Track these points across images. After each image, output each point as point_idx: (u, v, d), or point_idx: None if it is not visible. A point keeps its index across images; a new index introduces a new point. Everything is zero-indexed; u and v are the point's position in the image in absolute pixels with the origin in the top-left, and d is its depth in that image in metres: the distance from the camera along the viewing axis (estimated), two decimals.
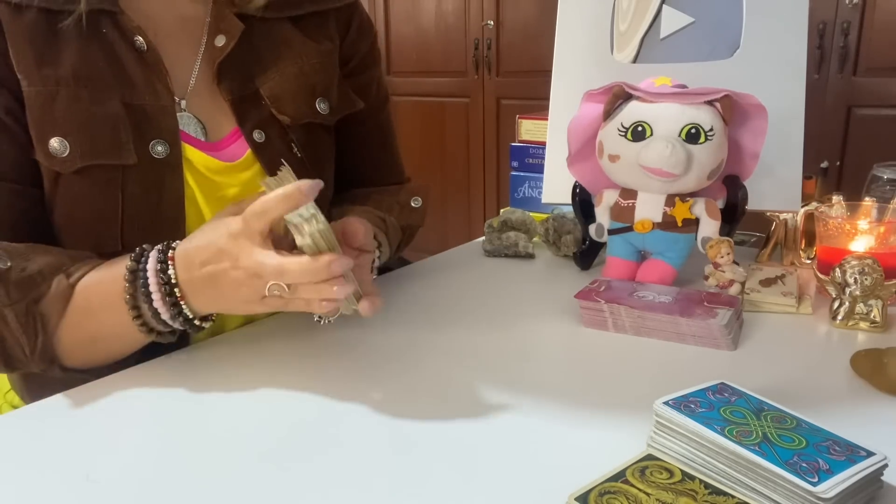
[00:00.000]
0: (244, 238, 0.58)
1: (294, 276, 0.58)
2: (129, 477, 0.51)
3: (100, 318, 0.66)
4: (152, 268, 0.63)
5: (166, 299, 0.63)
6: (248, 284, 0.60)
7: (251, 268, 0.59)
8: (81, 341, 0.67)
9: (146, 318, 0.64)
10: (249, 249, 0.58)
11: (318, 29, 0.84)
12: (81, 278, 0.66)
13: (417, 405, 0.61)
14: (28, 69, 0.68)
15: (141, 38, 0.72)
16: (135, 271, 0.63)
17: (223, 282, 0.61)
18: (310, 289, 0.59)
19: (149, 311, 0.64)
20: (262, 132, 0.78)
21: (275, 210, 0.57)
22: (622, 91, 0.82)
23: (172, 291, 0.63)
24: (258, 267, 0.58)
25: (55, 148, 0.68)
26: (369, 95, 0.91)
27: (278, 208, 0.57)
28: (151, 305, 0.63)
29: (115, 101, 0.70)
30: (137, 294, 0.63)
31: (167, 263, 0.63)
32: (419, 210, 0.94)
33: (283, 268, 0.57)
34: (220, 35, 0.77)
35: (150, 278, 0.63)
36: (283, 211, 0.57)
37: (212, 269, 0.61)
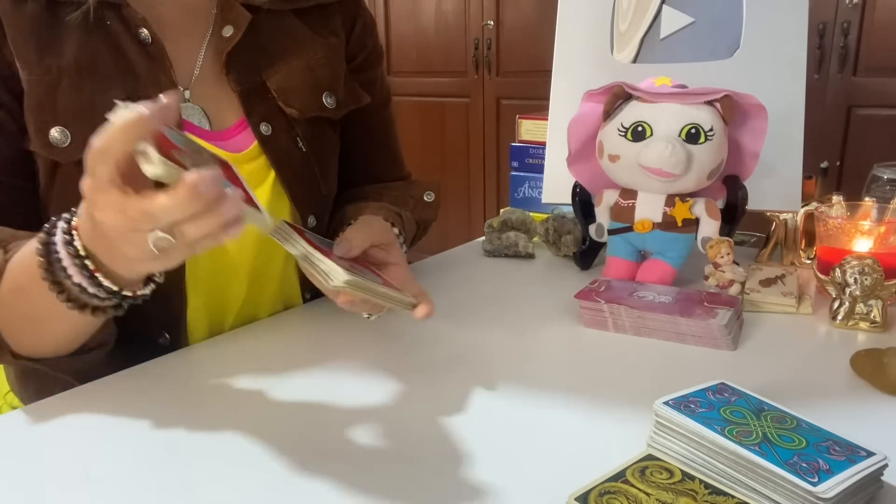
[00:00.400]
0: (96, 192, 0.47)
1: (164, 216, 0.46)
2: (129, 477, 0.51)
3: (29, 296, 0.59)
4: (60, 240, 0.55)
5: (83, 272, 0.55)
6: (125, 240, 0.50)
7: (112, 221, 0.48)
8: (19, 321, 0.63)
9: (72, 294, 0.57)
10: (103, 201, 0.47)
11: (323, 24, 0.85)
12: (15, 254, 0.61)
13: (417, 405, 0.61)
14: (29, 59, 0.68)
15: (146, 30, 0.72)
16: (46, 244, 0.56)
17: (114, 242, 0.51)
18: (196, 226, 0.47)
19: (73, 287, 0.56)
20: (269, 125, 0.78)
21: (116, 145, 0.46)
22: (622, 91, 0.82)
23: (85, 264, 0.55)
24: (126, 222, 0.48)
25: (56, 138, 0.68)
26: (374, 92, 0.91)
27: (120, 143, 0.45)
28: (73, 280, 0.56)
29: (118, 92, 0.70)
30: (54, 269, 0.56)
31: (72, 234, 0.55)
32: (432, 204, 0.94)
33: (145, 212, 0.46)
34: (228, 25, 0.77)
35: (61, 252, 0.55)
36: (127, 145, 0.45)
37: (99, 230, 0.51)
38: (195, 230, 0.47)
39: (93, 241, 0.53)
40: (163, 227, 0.47)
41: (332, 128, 0.86)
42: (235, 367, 0.69)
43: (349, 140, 0.90)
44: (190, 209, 0.45)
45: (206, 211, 0.46)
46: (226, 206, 0.46)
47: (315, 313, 0.84)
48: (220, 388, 0.65)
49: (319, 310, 0.84)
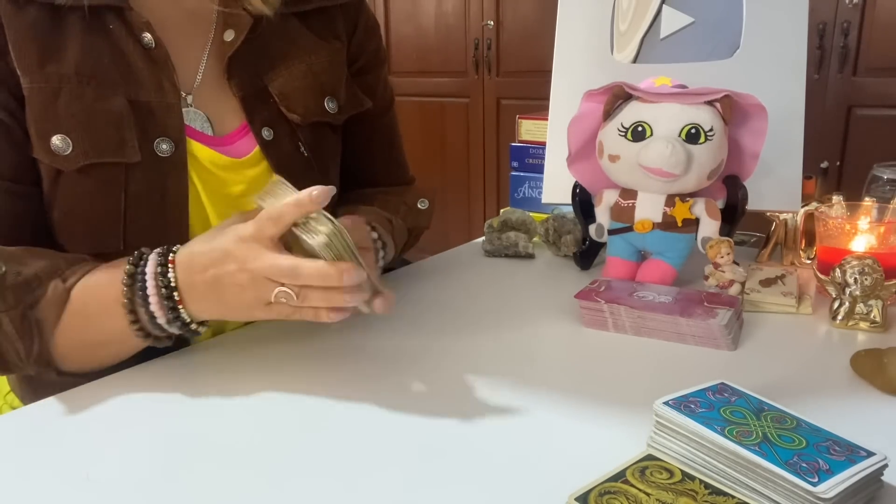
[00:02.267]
0: (255, 242, 0.59)
1: (307, 279, 0.57)
2: (129, 477, 0.51)
3: (97, 323, 0.65)
4: (151, 271, 0.62)
5: (164, 303, 0.62)
6: (254, 288, 0.60)
7: (261, 270, 0.58)
8: (78, 346, 0.67)
9: (143, 323, 0.64)
10: (259, 252, 0.58)
11: (325, 27, 0.84)
12: (78, 282, 0.66)
13: (416, 406, 0.61)
14: (30, 66, 0.67)
15: (149, 34, 0.71)
16: (133, 275, 0.63)
17: (227, 285, 0.60)
18: (320, 295, 0.59)
19: (146, 316, 0.63)
20: (271, 130, 0.78)
21: (288, 215, 0.57)
22: (622, 91, 0.82)
23: (171, 295, 0.62)
24: (269, 270, 0.58)
25: (57, 145, 0.68)
26: (376, 95, 0.91)
27: (291, 213, 0.57)
28: (148, 309, 0.63)
29: (120, 98, 0.69)
30: (135, 298, 0.63)
31: (167, 267, 0.62)
32: (425, 212, 0.94)
33: (297, 269, 0.57)
34: (230, 29, 0.76)
35: (149, 282, 0.62)
36: (295, 217, 0.58)
37: (216, 272, 0.61)
38: (316, 299, 0.59)
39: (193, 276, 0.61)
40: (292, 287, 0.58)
41: (333, 132, 0.86)
42: (237, 368, 0.69)
43: (351, 144, 0.90)
44: (328, 283, 0.57)
45: (336, 292, 0.58)
46: (350, 296, 0.59)
47: None
48: (222, 388, 0.65)
49: None
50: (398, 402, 0.62)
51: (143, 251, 0.64)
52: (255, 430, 0.58)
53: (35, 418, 0.61)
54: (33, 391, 0.77)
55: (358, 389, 0.64)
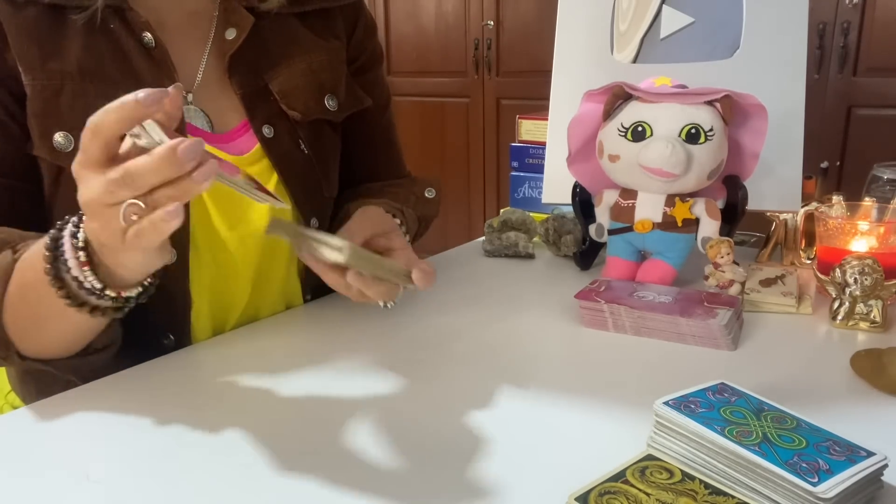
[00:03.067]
0: (84, 168, 0.49)
1: (143, 177, 0.47)
2: (129, 477, 0.51)
3: (35, 294, 0.60)
4: (68, 232, 0.56)
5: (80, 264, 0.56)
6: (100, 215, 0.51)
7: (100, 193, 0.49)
8: (25, 321, 0.63)
9: (71, 290, 0.58)
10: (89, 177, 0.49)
11: (325, 26, 0.85)
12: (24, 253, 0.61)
13: (416, 405, 0.61)
14: (32, 63, 0.67)
15: (149, 34, 0.71)
16: (56, 238, 0.57)
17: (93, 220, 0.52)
18: (169, 190, 0.48)
19: (72, 282, 0.57)
20: (272, 127, 0.78)
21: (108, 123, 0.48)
22: (622, 91, 0.82)
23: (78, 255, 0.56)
24: (101, 190, 0.48)
25: (60, 143, 0.68)
26: (374, 94, 0.91)
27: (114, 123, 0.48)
28: (71, 274, 0.56)
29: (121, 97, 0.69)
30: (58, 263, 0.57)
31: (79, 227, 0.56)
32: (434, 200, 0.94)
33: (126, 172, 0.47)
34: (231, 28, 0.77)
35: (66, 244, 0.56)
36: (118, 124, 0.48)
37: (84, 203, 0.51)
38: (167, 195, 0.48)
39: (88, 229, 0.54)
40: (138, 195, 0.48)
41: (333, 130, 0.86)
42: (237, 367, 0.69)
43: (350, 142, 0.90)
44: (167, 172, 0.47)
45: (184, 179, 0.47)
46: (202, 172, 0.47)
47: (316, 313, 0.84)
48: (222, 388, 0.65)
49: (320, 310, 0.84)
50: (398, 401, 0.62)
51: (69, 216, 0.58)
52: (255, 429, 0.58)
53: (35, 418, 0.61)
54: (34, 391, 0.77)
55: (357, 388, 0.64)
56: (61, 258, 0.56)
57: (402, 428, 0.57)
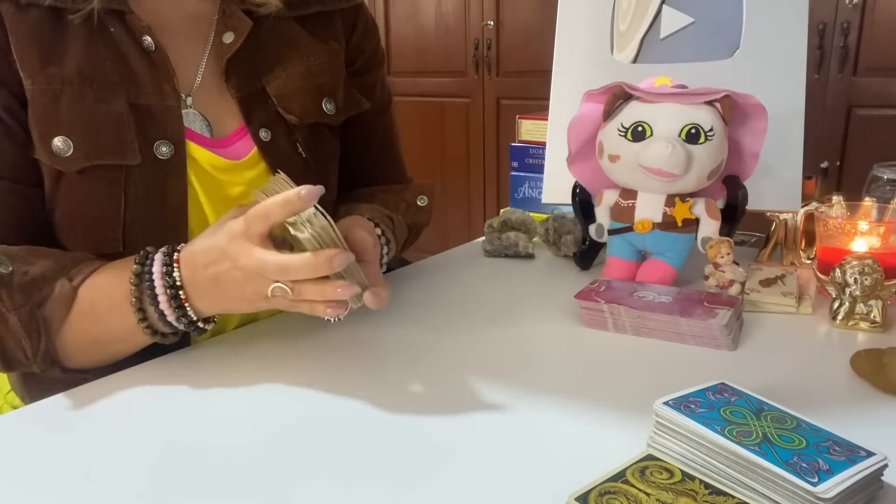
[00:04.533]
0: (243, 239, 0.60)
1: (296, 273, 0.58)
2: (129, 477, 0.51)
3: (104, 321, 0.66)
4: (158, 270, 0.64)
5: (171, 302, 0.64)
6: (250, 283, 0.61)
7: (251, 266, 0.60)
8: (85, 343, 0.68)
9: (151, 321, 0.65)
10: (249, 250, 0.59)
11: (324, 29, 0.85)
12: (84, 281, 0.66)
13: (417, 405, 0.61)
14: (32, 67, 0.67)
15: (149, 38, 0.71)
16: (140, 274, 0.64)
17: (226, 282, 0.62)
18: (313, 289, 0.59)
19: (154, 314, 0.65)
20: (269, 131, 0.78)
21: (275, 214, 0.58)
22: (622, 91, 0.82)
23: (177, 294, 0.64)
24: (259, 265, 0.59)
25: (59, 147, 0.68)
26: (374, 96, 0.91)
27: (279, 212, 0.58)
28: (157, 307, 0.64)
29: (121, 101, 0.70)
30: (143, 296, 0.64)
31: (172, 266, 0.64)
32: (425, 209, 0.94)
33: (284, 265, 0.58)
34: (229, 32, 0.77)
35: (156, 280, 0.64)
36: (284, 215, 0.58)
37: (214, 269, 0.62)
38: (309, 293, 0.59)
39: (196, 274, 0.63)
40: (286, 281, 0.59)
41: (332, 133, 0.86)
42: (237, 367, 0.69)
43: (350, 145, 0.90)
44: (317, 274, 0.58)
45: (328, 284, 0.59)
46: (342, 289, 0.59)
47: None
48: (222, 388, 0.65)
49: None
50: (398, 401, 0.62)
51: (148, 251, 0.66)
52: (255, 428, 0.58)
53: (35, 418, 0.61)
54: (34, 390, 0.77)
55: (358, 388, 0.64)
56: (147, 292, 0.64)
57: (401, 428, 0.57)
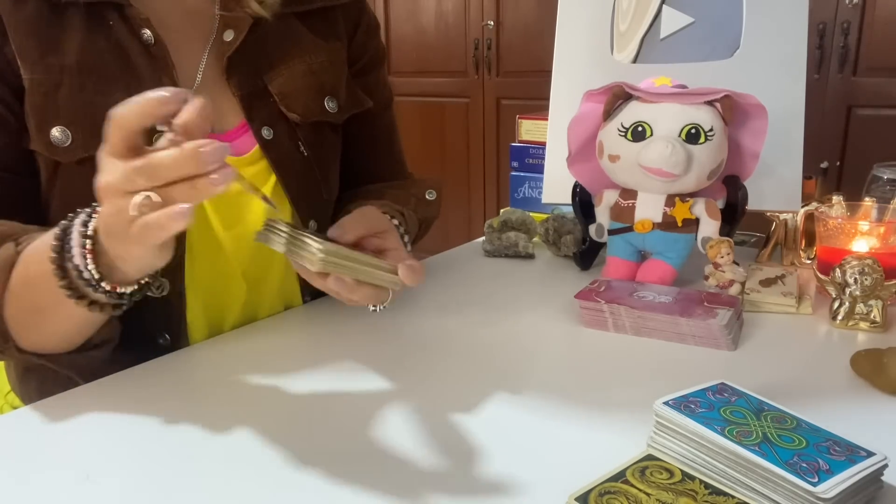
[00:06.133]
0: (108, 157, 0.50)
1: (164, 169, 0.48)
2: (129, 477, 0.51)
3: (36, 285, 0.60)
4: (78, 222, 0.55)
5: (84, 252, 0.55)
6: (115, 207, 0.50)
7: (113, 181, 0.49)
8: (24, 313, 0.63)
9: (72, 279, 0.57)
10: (108, 163, 0.50)
11: (326, 27, 0.84)
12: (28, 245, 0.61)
13: (417, 405, 0.61)
14: (31, 58, 0.67)
15: (148, 30, 0.71)
16: (66, 228, 0.56)
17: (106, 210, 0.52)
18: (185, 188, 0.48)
19: (73, 271, 0.56)
20: (271, 129, 0.78)
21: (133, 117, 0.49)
22: (622, 91, 0.82)
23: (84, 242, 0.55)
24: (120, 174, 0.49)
25: (57, 137, 0.68)
26: (376, 95, 0.91)
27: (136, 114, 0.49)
28: (73, 262, 0.56)
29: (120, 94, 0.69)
30: (63, 252, 0.56)
31: (91, 217, 0.55)
32: (434, 202, 0.94)
33: (149, 162, 0.48)
34: (229, 29, 0.77)
35: (73, 233, 0.55)
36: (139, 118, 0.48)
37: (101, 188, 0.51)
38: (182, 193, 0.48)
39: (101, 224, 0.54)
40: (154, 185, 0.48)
41: (333, 131, 0.86)
42: (235, 367, 0.69)
43: (351, 143, 0.90)
44: (188, 168, 0.48)
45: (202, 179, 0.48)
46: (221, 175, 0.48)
47: (314, 313, 0.84)
48: (220, 388, 0.65)
49: (319, 310, 0.84)
50: (398, 401, 0.62)
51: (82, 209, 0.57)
52: (255, 428, 0.58)
53: (35, 418, 0.61)
54: (34, 391, 0.77)
55: (357, 388, 0.64)
56: (67, 247, 0.56)
57: (401, 428, 0.57)
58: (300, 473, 0.52)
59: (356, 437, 0.56)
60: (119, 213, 0.50)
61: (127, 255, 0.55)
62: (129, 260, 0.56)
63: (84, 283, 0.57)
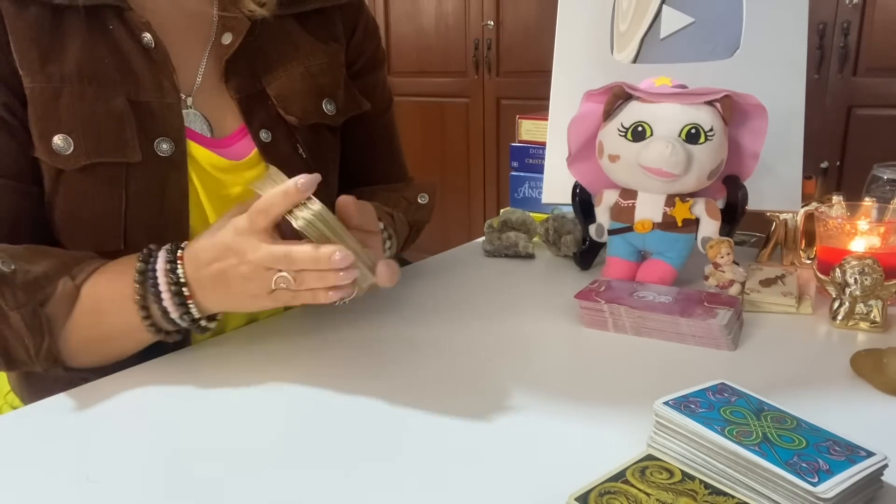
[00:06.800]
0: (249, 234, 0.60)
1: (301, 263, 0.59)
2: (129, 477, 0.51)
3: (108, 319, 0.66)
4: (161, 267, 0.64)
5: (175, 298, 0.64)
6: (256, 278, 0.61)
7: (259, 260, 0.60)
8: (88, 341, 0.67)
9: (155, 319, 0.65)
10: (256, 244, 0.60)
11: (324, 29, 0.84)
12: (87, 279, 0.66)
13: (417, 405, 0.61)
14: (32, 66, 0.67)
15: (148, 34, 0.71)
16: (144, 272, 0.64)
17: (231, 278, 0.62)
18: (315, 277, 0.60)
19: (158, 311, 0.65)
20: (269, 132, 0.78)
21: (277, 206, 0.59)
22: (622, 91, 0.82)
23: (181, 291, 0.64)
24: (266, 259, 0.60)
25: (59, 145, 0.68)
26: (375, 97, 0.91)
27: (279, 204, 0.58)
28: (161, 305, 0.64)
29: (121, 99, 0.70)
30: (147, 294, 0.64)
31: (176, 263, 0.64)
32: (426, 206, 0.94)
33: (290, 255, 0.59)
34: (227, 32, 0.77)
35: (160, 278, 0.64)
36: (284, 207, 0.59)
37: (219, 266, 0.62)
38: (312, 281, 0.60)
39: (200, 271, 0.63)
40: (290, 272, 0.60)
41: (332, 134, 0.86)
42: (237, 367, 0.69)
43: (350, 145, 0.90)
44: (320, 266, 0.58)
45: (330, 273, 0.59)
46: (343, 274, 0.59)
47: (315, 314, 0.83)
48: (222, 388, 0.65)
49: (319, 310, 0.84)
50: (398, 401, 0.62)
51: (151, 248, 0.65)
52: (256, 427, 0.58)
53: (35, 418, 0.61)
54: (34, 391, 0.77)
55: (358, 388, 0.64)
56: (151, 290, 0.64)
57: (401, 428, 0.57)
58: (300, 473, 0.52)
59: (356, 435, 0.56)
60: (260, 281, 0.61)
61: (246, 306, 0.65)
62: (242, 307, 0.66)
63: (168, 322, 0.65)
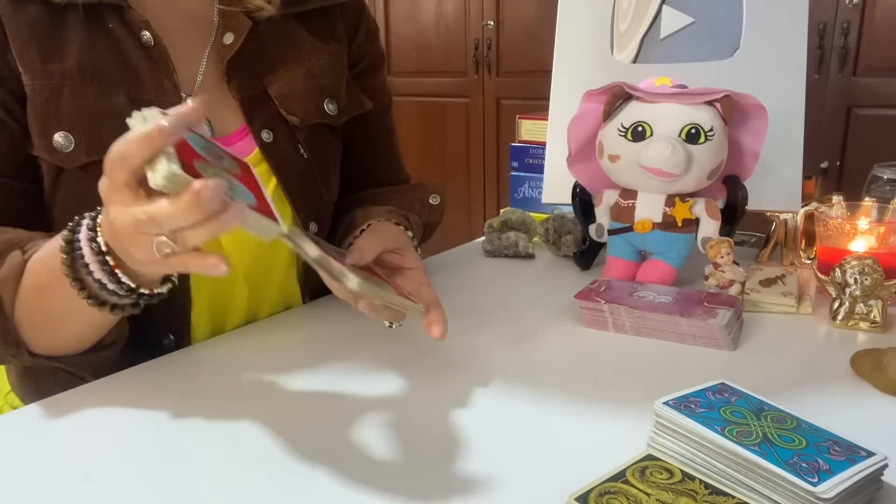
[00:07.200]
0: (111, 193, 0.49)
1: (169, 222, 0.47)
2: (129, 477, 0.51)
3: (51, 294, 0.61)
4: (84, 236, 0.56)
5: (105, 268, 0.56)
6: (138, 245, 0.51)
7: (125, 229, 0.50)
8: (39, 320, 0.63)
9: (93, 291, 0.58)
10: (119, 208, 0.49)
11: (325, 29, 0.84)
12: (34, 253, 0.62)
13: (416, 405, 0.61)
14: (32, 64, 0.67)
15: (148, 32, 0.71)
16: (70, 241, 0.57)
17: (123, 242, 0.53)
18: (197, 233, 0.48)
19: (93, 283, 0.57)
20: (271, 132, 0.78)
21: (135, 156, 0.46)
22: (622, 91, 0.82)
23: (106, 259, 0.56)
24: (129, 226, 0.49)
25: (59, 143, 0.68)
26: (375, 98, 0.91)
27: (138, 154, 0.46)
28: (93, 276, 0.57)
29: (121, 97, 0.70)
30: (77, 266, 0.57)
31: (96, 231, 0.56)
32: (438, 207, 0.94)
33: (154, 217, 0.47)
34: (229, 32, 0.77)
35: (84, 248, 0.56)
36: (145, 155, 0.46)
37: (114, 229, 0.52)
38: (195, 237, 0.48)
39: (112, 239, 0.54)
40: (166, 233, 0.48)
41: (333, 134, 0.86)
42: (237, 367, 0.69)
43: (351, 146, 0.90)
44: (191, 218, 0.46)
45: (207, 220, 0.47)
46: (227, 216, 0.47)
47: (315, 313, 0.84)
48: (222, 388, 0.65)
49: (319, 310, 0.84)
50: (397, 401, 0.62)
51: (77, 217, 0.58)
52: (255, 428, 0.58)
53: (35, 418, 0.61)
54: (34, 391, 0.77)
55: (357, 389, 0.64)
56: (80, 261, 0.56)
57: (401, 428, 0.57)
58: (300, 472, 0.52)
59: (357, 436, 0.56)
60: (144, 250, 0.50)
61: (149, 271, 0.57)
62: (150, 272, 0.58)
63: (107, 293, 0.58)
